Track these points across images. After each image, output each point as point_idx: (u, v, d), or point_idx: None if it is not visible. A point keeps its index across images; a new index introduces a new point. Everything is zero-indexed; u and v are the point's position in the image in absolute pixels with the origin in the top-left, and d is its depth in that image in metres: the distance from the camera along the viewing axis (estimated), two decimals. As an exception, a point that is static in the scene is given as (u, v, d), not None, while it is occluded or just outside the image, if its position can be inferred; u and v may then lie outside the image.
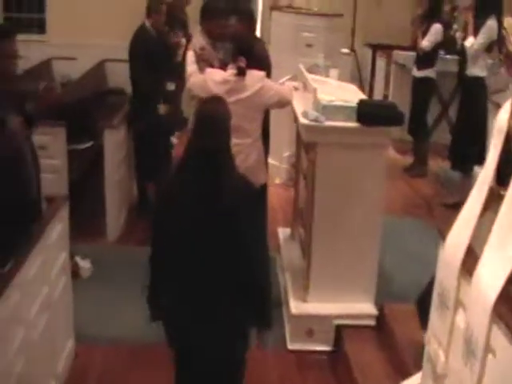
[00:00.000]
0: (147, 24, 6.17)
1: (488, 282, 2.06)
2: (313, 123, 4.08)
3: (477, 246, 2.27)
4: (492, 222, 2.18)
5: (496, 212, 2.19)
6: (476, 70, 6.17)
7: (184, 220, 2.96)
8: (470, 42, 6.12)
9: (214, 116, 3.01)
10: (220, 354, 3.08)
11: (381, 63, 9.30)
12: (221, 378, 3.16)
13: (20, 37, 3.62)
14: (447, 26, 7.37)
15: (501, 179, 2.34)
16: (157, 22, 6.23)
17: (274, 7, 7.52)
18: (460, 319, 2.28)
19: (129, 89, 7.01)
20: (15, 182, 3.46)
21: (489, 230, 2.17)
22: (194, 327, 3.03)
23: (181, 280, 3.03)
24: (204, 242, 2.96)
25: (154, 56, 6.00)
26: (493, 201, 2.31)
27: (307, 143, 4.28)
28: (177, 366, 3.22)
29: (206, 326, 3.00)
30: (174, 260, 3.03)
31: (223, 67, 4.46)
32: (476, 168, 6.53)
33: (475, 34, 6.09)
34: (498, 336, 1.97)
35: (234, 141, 4.11)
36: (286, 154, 7.03)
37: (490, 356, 2.02)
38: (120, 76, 7.98)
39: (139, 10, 8.55)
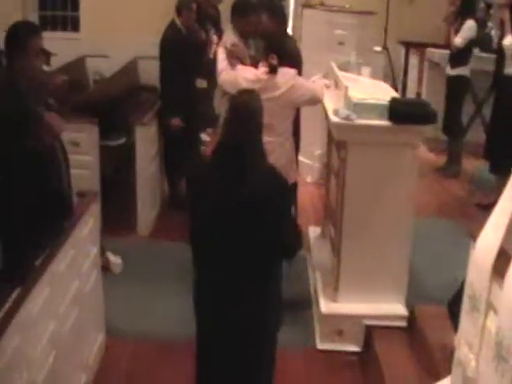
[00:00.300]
0: (177, 22, 6.18)
1: (520, 284, 2.02)
2: (344, 121, 4.04)
3: (509, 247, 2.23)
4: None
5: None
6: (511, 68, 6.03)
7: (212, 212, 3.00)
8: (508, 40, 5.98)
9: (245, 108, 3.02)
10: (245, 347, 3.10)
11: (414, 61, 9.21)
12: (248, 374, 3.17)
13: (54, 34, 3.66)
14: (481, 24, 7.26)
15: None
16: (187, 19, 6.24)
17: (306, 5, 7.49)
18: (491, 323, 2.24)
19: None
20: (47, 176, 3.49)
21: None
22: (218, 317, 3.07)
23: (209, 269, 3.08)
24: (231, 235, 2.98)
25: (184, 54, 6.02)
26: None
27: (338, 141, 4.25)
28: (200, 359, 3.24)
29: (232, 317, 3.04)
30: (203, 249, 3.09)
31: (254, 64, 4.44)
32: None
33: None
34: (530, 340, 1.93)
35: (265, 139, 4.11)
36: (318, 152, 7.00)
37: (521, 361, 1.98)
38: (152, 73, 8.00)
39: (171, 7, 8.61)
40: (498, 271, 2.21)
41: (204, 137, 7.93)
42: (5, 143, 3.28)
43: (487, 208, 6.68)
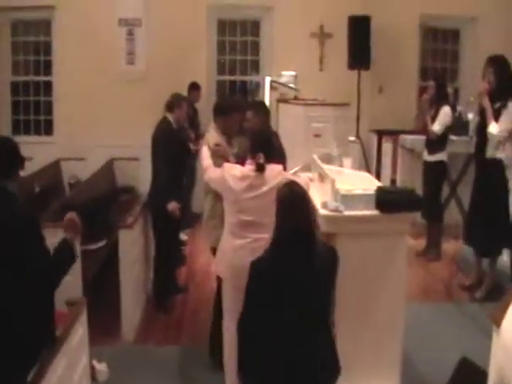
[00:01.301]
0: (170, 119, 6.26)
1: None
2: (333, 213, 4.06)
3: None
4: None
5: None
6: (498, 152, 6.08)
7: (284, 294, 3.20)
8: (493, 127, 6.03)
9: (303, 198, 3.32)
10: None
11: (387, 148, 9.35)
12: None
13: (28, 138, 3.67)
14: (452, 108, 7.43)
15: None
16: (179, 117, 6.33)
17: (281, 99, 7.63)
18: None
19: (140, 187, 7.10)
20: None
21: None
22: None
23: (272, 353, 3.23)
24: (300, 309, 3.22)
25: (174, 149, 6.08)
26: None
27: (327, 234, 4.24)
28: None
29: None
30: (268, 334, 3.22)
31: (239, 162, 4.44)
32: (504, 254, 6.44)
33: (495, 118, 6.05)
34: None
35: (254, 236, 4.09)
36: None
37: None
38: (129, 174, 8.06)
39: (143, 110, 8.77)
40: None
41: (183, 236, 7.88)
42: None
43: (469, 289, 6.76)
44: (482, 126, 6.23)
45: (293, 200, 3.30)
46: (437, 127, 7.15)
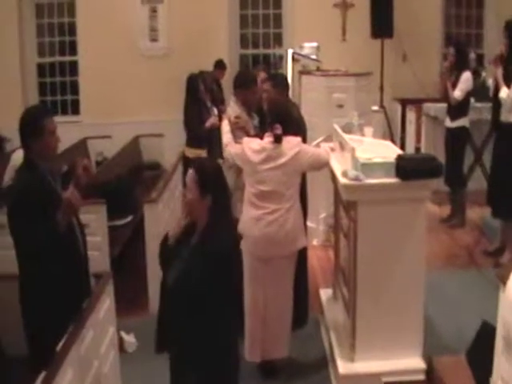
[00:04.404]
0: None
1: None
2: (353, 182, 4.07)
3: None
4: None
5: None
6: (511, 117, 6.06)
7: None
8: (504, 92, 6.02)
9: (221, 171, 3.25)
10: None
11: (411, 117, 9.29)
12: None
13: (55, 119, 3.70)
14: (476, 74, 7.37)
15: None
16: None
17: (303, 71, 7.60)
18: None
19: (164, 162, 7.18)
20: (68, 256, 3.51)
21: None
22: None
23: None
24: None
25: None
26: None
27: (348, 202, 4.27)
28: None
29: None
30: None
31: (259, 134, 4.49)
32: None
33: (507, 83, 6.03)
34: None
35: (272, 206, 4.15)
36: (323, 215, 7.01)
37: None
38: (154, 150, 8.16)
39: (167, 86, 8.81)
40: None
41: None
42: (30, 226, 3.33)
43: (493, 254, 6.77)
44: (497, 91, 6.21)
45: (220, 175, 3.21)
46: (457, 93, 7.09)
